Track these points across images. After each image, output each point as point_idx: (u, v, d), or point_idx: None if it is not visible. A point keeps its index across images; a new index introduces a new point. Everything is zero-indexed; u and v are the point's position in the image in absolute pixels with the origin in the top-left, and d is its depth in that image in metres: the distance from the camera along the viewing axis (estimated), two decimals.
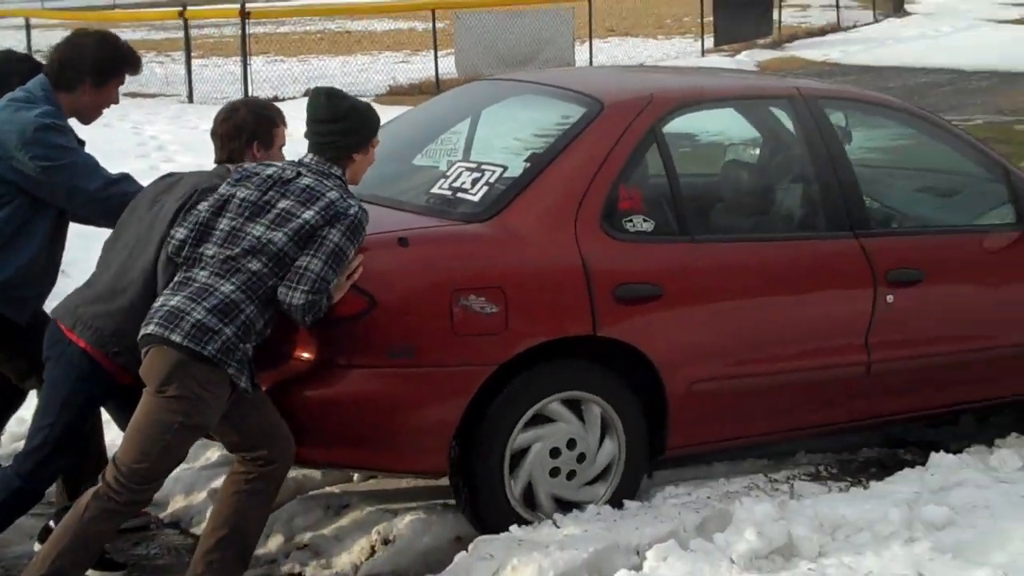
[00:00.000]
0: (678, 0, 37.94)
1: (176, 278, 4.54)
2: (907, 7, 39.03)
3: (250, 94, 21.17)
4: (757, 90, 6.72)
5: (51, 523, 5.05)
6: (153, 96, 21.49)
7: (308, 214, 4.48)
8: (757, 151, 6.74)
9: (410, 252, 4.95)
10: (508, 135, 6.11)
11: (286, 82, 22.31)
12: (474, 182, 5.34)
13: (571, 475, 5.29)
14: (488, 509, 5.17)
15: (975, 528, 5.17)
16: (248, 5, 23.69)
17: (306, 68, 24.22)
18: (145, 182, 5.12)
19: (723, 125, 7.01)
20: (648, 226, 5.41)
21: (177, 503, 5.78)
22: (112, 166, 5.20)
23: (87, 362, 4.72)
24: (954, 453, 5.99)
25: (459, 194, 5.33)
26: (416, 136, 6.33)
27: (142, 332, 4.44)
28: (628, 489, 5.43)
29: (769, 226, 6.08)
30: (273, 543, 5.39)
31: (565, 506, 5.29)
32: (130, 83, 5.13)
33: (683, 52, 28.57)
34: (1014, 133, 17.60)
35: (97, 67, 5.15)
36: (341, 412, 4.90)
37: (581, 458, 5.29)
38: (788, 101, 6.13)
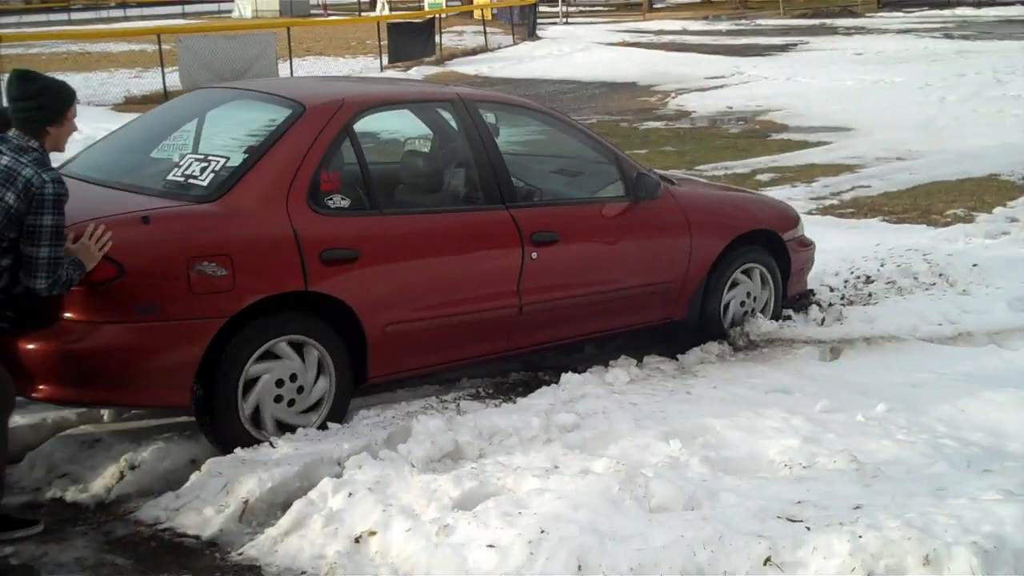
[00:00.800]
0: (361, 26, 37.79)
1: None
2: (539, 33, 39.83)
3: (2, 104, 20.04)
4: (427, 95, 6.76)
5: None
6: None
7: (10, 198, 4.29)
8: (429, 143, 6.80)
9: (152, 227, 4.87)
10: (228, 132, 5.98)
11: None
12: (202, 170, 5.29)
13: (291, 403, 5.31)
14: (224, 428, 5.13)
15: (596, 429, 5.37)
16: (1, 30, 22.39)
17: None
18: None
19: (401, 123, 7.05)
20: (345, 203, 5.45)
21: None
22: None
23: None
24: (579, 373, 6.19)
25: (190, 180, 5.26)
26: (152, 134, 6.14)
27: None
28: (337, 416, 5.47)
29: (441, 201, 6.11)
30: (37, 473, 5.14)
31: (284, 428, 5.30)
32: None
33: (366, 68, 28.40)
34: (619, 129, 18.23)
35: None
36: (100, 360, 4.80)
37: (300, 390, 5.31)
38: (451, 104, 6.21)
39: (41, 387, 4.83)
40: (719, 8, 55.38)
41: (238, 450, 5.11)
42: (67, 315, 4.79)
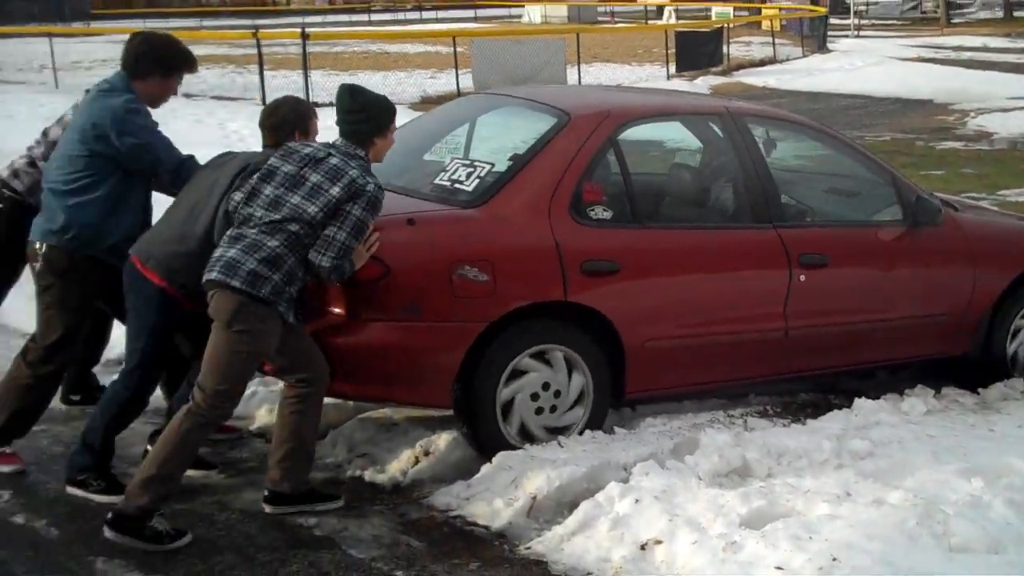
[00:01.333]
0: (647, 34, 37.86)
1: (230, 233, 4.54)
2: (829, 45, 38.90)
3: (309, 100, 21.15)
4: (695, 107, 6.61)
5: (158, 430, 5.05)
6: (234, 99, 21.36)
7: (335, 190, 4.46)
8: (696, 156, 6.69)
9: (417, 230, 4.97)
10: (497, 138, 6.04)
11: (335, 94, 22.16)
12: (468, 175, 5.32)
13: (548, 411, 5.29)
14: (482, 432, 5.19)
15: (890, 459, 5.18)
16: (308, 29, 23.60)
17: (354, 80, 23.97)
18: None
19: (668, 135, 6.99)
20: (608, 215, 5.40)
21: (261, 418, 5.78)
22: (201, 154, 5.17)
23: (160, 294, 4.74)
24: (873, 399, 5.98)
25: (456, 185, 5.31)
26: (425, 137, 6.26)
27: (206, 277, 4.44)
28: (600, 412, 5.42)
29: (706, 216, 6.01)
30: (339, 452, 5.40)
31: (555, 432, 5.31)
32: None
33: (652, 76, 28.42)
34: (914, 148, 17.55)
35: (165, 62, 5.11)
36: (365, 356, 4.93)
37: (557, 394, 5.29)
38: (720, 117, 6.06)
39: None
40: None
41: (528, 446, 5.22)
42: (337, 310, 4.93)
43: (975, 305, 6.37)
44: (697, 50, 30.02)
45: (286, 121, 4.97)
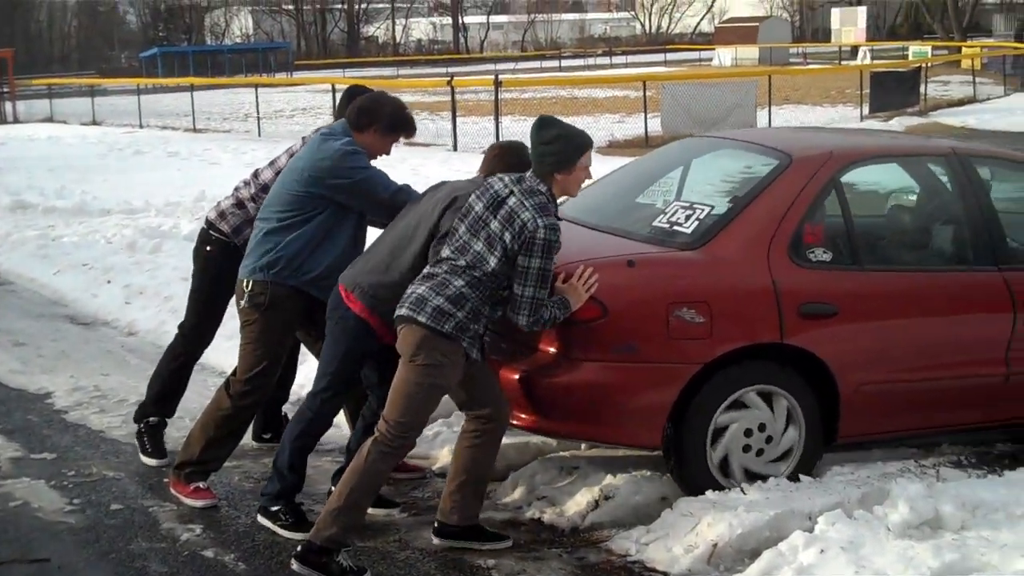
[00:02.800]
0: (841, 75, 37.17)
1: (424, 271, 4.64)
2: None
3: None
4: (918, 149, 6.46)
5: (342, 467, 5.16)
6: (426, 145, 21.93)
7: (507, 237, 4.48)
8: (916, 198, 6.52)
9: (636, 271, 5.00)
10: (712, 181, 6.01)
11: (526, 135, 22.39)
12: (687, 217, 5.33)
13: (759, 453, 5.23)
14: (691, 472, 5.14)
15: None
16: (500, 76, 24.02)
17: None
18: None
19: (888, 176, 6.76)
20: (827, 257, 5.35)
21: (444, 458, 5.83)
22: None
23: (361, 324, 4.83)
24: None
25: (675, 227, 5.32)
26: (638, 180, 6.29)
27: (397, 312, 4.55)
28: (805, 469, 5.33)
29: (927, 259, 5.88)
30: (518, 493, 5.41)
31: (752, 477, 5.23)
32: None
33: (845, 117, 27.86)
34: None
35: (389, 121, 5.26)
36: (577, 395, 4.96)
37: (768, 440, 5.23)
38: (944, 158, 5.92)
39: (522, 415, 5.04)
40: None
41: (709, 493, 5.12)
42: (550, 349, 4.99)
43: None
44: (893, 90, 29.33)
45: (499, 159, 5.04)
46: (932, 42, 46.26)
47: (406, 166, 17.45)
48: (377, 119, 5.24)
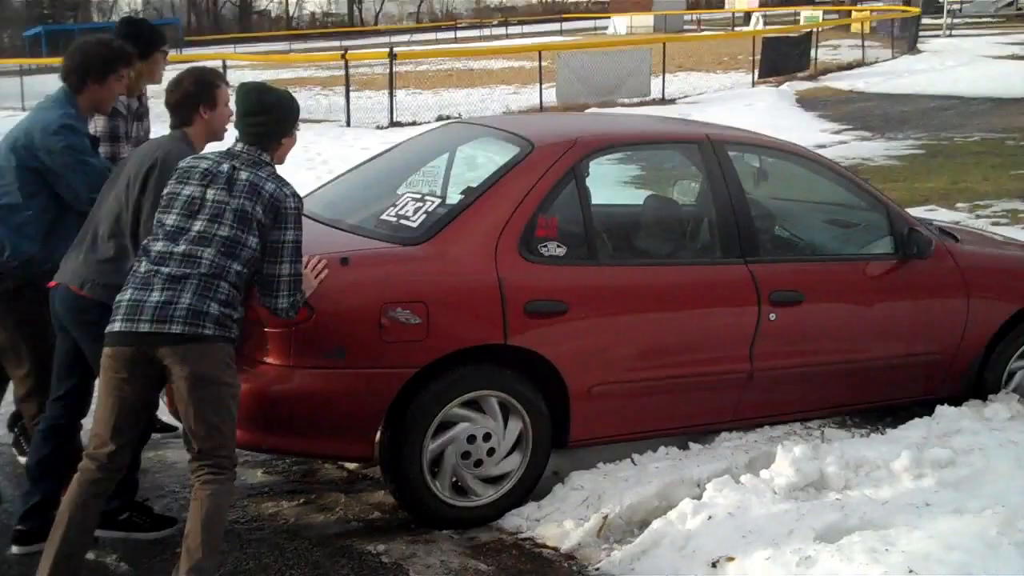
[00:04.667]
0: (734, 41, 37.57)
1: (144, 265, 4.04)
2: (920, 46, 38.25)
3: (393, 120, 21.34)
4: (671, 134, 6.15)
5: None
6: (319, 121, 21.66)
7: (259, 211, 4.06)
8: (670, 186, 6.36)
9: (349, 270, 4.60)
10: (464, 171, 5.74)
11: (422, 110, 22.39)
12: (416, 210, 5.02)
13: (479, 464, 4.87)
14: (407, 481, 4.76)
15: (972, 467, 5.02)
16: (395, 49, 23.83)
17: (438, 99, 24.27)
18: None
19: (639, 165, 6.67)
20: (561, 251, 5.00)
21: None
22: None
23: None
24: (955, 406, 5.81)
25: (402, 220, 4.99)
26: (400, 170, 5.88)
27: (161, 329, 3.91)
28: (542, 459, 5.01)
29: (671, 252, 5.69)
30: None
31: (491, 481, 4.93)
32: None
33: (736, 83, 28.21)
34: (1004, 147, 17.15)
35: (94, 68, 4.88)
36: (282, 405, 4.56)
37: (491, 451, 4.87)
38: (698, 145, 5.61)
39: None
40: None
41: (600, 464, 5.17)
42: (254, 356, 4.56)
43: (967, 344, 5.96)
44: (784, 55, 29.70)
45: (188, 96, 4.51)
46: (823, 7, 46.84)
47: (299, 142, 17.20)
48: (86, 71, 4.85)
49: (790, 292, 5.45)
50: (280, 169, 4.33)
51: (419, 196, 5.19)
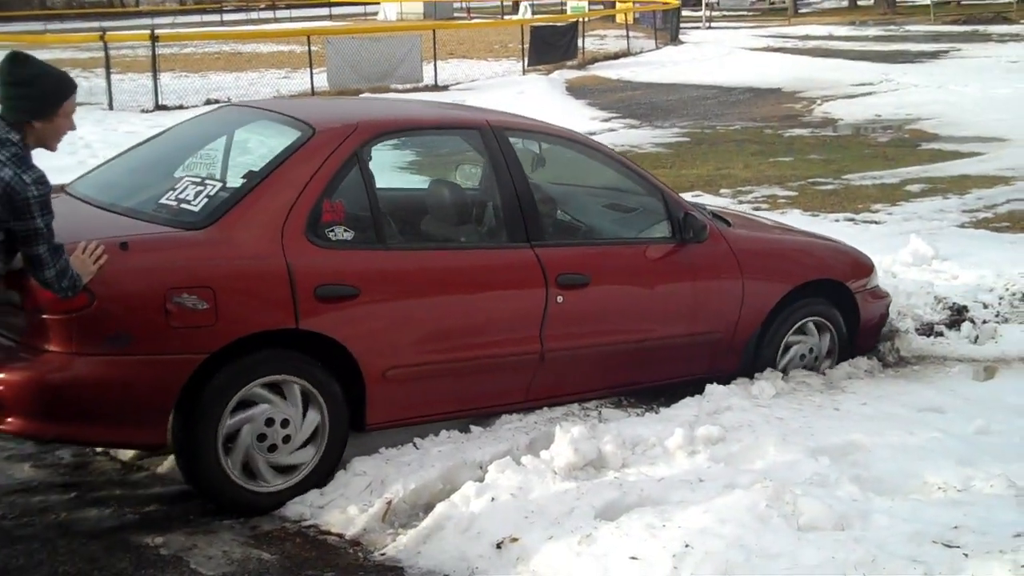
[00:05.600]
0: (504, 29, 38.01)
1: None
2: (681, 37, 39.57)
3: (159, 103, 20.67)
4: (452, 120, 6.24)
5: None
6: (80, 104, 20.69)
7: None
8: (454, 172, 6.46)
9: (128, 255, 4.50)
10: (245, 154, 5.65)
11: (189, 93, 21.78)
12: (196, 195, 4.93)
13: (274, 448, 4.84)
14: (203, 472, 4.73)
15: (741, 442, 5.24)
16: (158, 30, 23.08)
17: (206, 82, 23.62)
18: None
19: (420, 150, 6.74)
20: (348, 235, 5.02)
21: None
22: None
23: None
24: (724, 385, 6.04)
25: (182, 205, 4.90)
26: (177, 152, 5.74)
27: None
28: (335, 451, 5.01)
29: (458, 237, 5.75)
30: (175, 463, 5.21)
31: (282, 470, 4.90)
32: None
33: (508, 71, 28.56)
34: (764, 135, 17.96)
35: None
36: (66, 393, 4.46)
37: (287, 438, 4.86)
38: (479, 131, 5.67)
39: (10, 420, 4.48)
40: (867, 13, 54.03)
41: (383, 449, 5.17)
42: (35, 344, 4.48)
43: (745, 323, 6.20)
44: (552, 44, 30.25)
45: None
46: None
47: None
48: None
49: (576, 275, 5.57)
50: (39, 153, 4.10)
51: (199, 180, 5.07)
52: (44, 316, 4.41)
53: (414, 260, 5.25)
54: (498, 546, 4.34)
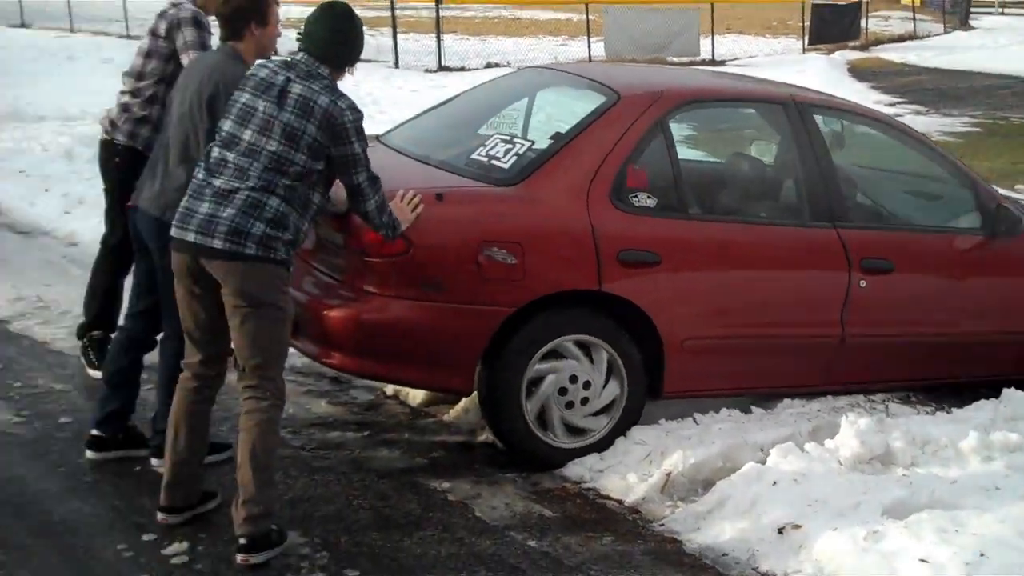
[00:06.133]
0: (784, 6, 37.10)
1: (199, 177, 4.07)
2: (971, 23, 37.72)
3: (441, 64, 21.21)
4: (756, 93, 6.09)
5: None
6: (368, 61, 21.48)
7: (311, 129, 3.95)
8: (756, 146, 6.33)
9: (444, 206, 4.66)
10: (547, 116, 5.75)
11: (470, 55, 22.31)
12: (506, 152, 5.03)
13: (575, 405, 4.93)
14: (506, 422, 4.87)
15: None
16: None
17: (485, 45, 24.12)
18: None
19: (724, 121, 6.62)
20: (651, 202, 5.01)
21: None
22: None
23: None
24: (1022, 390, 5.64)
25: (493, 161, 5.01)
26: (481, 110, 5.91)
27: (200, 242, 3.95)
28: (628, 423, 5.04)
29: (760, 211, 5.62)
30: (472, 416, 5.34)
31: (572, 431, 4.98)
32: None
33: (787, 49, 27.92)
34: None
35: None
36: (384, 334, 4.66)
37: (587, 395, 4.94)
38: (783, 106, 5.58)
39: (333, 354, 4.76)
40: None
41: (662, 421, 5.18)
42: (355, 284, 4.70)
43: None
44: (833, 23, 29.33)
45: (240, 10, 4.44)
46: None
47: (347, 81, 17.15)
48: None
49: (880, 260, 5.45)
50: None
51: (507, 138, 5.18)
52: (365, 259, 4.63)
53: (716, 232, 5.21)
54: (780, 531, 4.28)
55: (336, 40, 4.15)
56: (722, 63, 24.10)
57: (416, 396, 5.57)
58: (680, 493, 4.73)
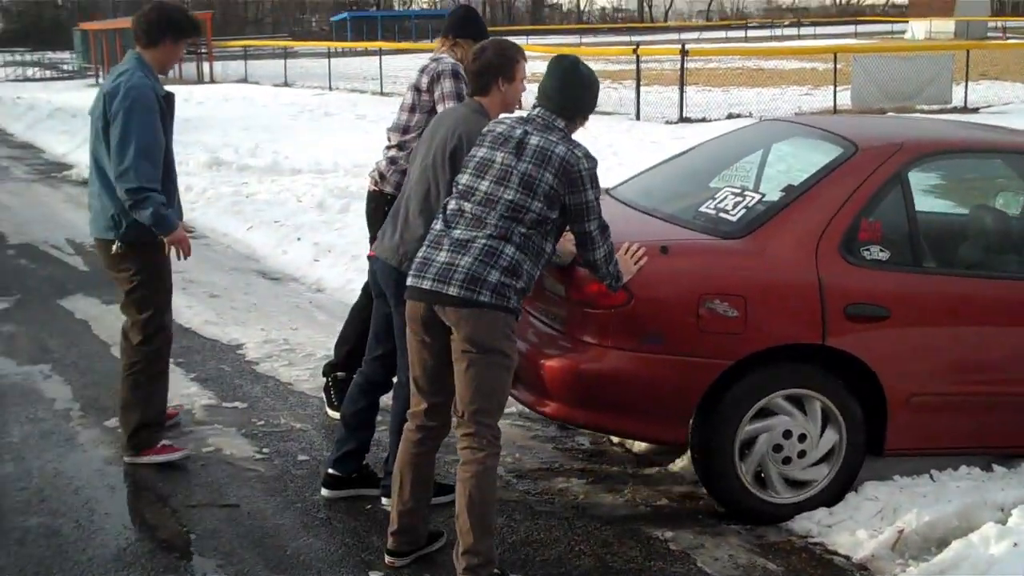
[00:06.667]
0: None
1: (437, 228, 4.19)
2: None
3: (683, 115, 21.23)
4: (1004, 144, 5.79)
5: None
6: (609, 114, 21.79)
7: (548, 177, 4.03)
8: (998, 198, 6.00)
9: (668, 259, 4.67)
10: (781, 168, 5.63)
11: (712, 107, 22.21)
12: (735, 205, 4.99)
13: (789, 460, 4.83)
14: (718, 476, 4.79)
15: None
16: (687, 45, 23.68)
17: (727, 96, 23.97)
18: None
19: (969, 173, 6.29)
20: (884, 256, 4.90)
21: None
22: None
23: None
24: None
25: (721, 214, 4.98)
26: (713, 163, 5.92)
27: (438, 289, 4.04)
28: (850, 472, 4.91)
29: (997, 266, 5.39)
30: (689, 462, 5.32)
31: (794, 484, 4.87)
32: None
33: None
34: None
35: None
36: (600, 384, 4.68)
37: (803, 452, 4.82)
38: None
39: (548, 403, 4.82)
40: None
41: (897, 477, 5.01)
42: (575, 335, 4.76)
43: None
44: None
45: (489, 66, 4.58)
46: None
47: (587, 133, 17.40)
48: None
49: None
50: None
51: (738, 191, 5.16)
52: (586, 309, 4.69)
53: (951, 286, 5.03)
54: None
55: (566, 92, 4.24)
56: (975, 111, 23.18)
57: (641, 445, 5.57)
58: (912, 552, 4.54)
